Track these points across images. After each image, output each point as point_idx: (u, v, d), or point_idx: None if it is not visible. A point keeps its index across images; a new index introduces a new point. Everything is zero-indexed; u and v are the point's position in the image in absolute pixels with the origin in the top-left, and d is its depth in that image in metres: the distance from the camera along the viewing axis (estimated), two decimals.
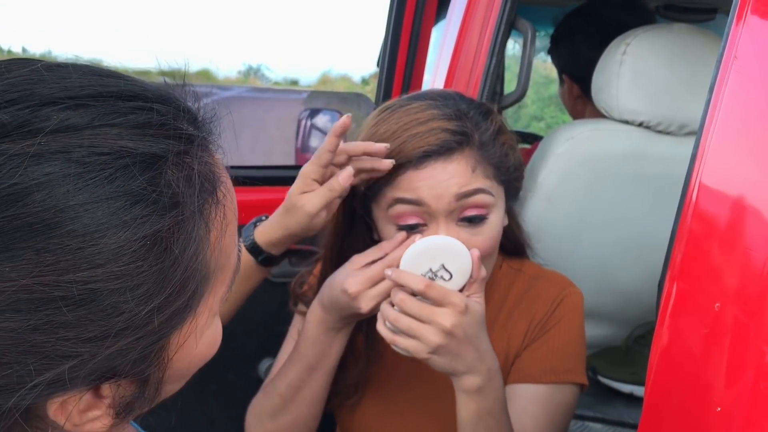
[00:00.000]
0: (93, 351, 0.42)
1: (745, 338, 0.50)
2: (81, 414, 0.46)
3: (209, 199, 0.47)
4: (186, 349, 0.50)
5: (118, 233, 0.41)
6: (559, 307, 1.07)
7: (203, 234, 0.46)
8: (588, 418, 1.53)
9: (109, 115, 0.43)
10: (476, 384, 0.89)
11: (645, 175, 1.44)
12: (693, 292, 0.57)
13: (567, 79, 1.76)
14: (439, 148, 0.92)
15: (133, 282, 0.42)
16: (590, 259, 1.52)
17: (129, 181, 0.42)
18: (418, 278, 0.87)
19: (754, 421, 0.49)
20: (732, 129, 0.58)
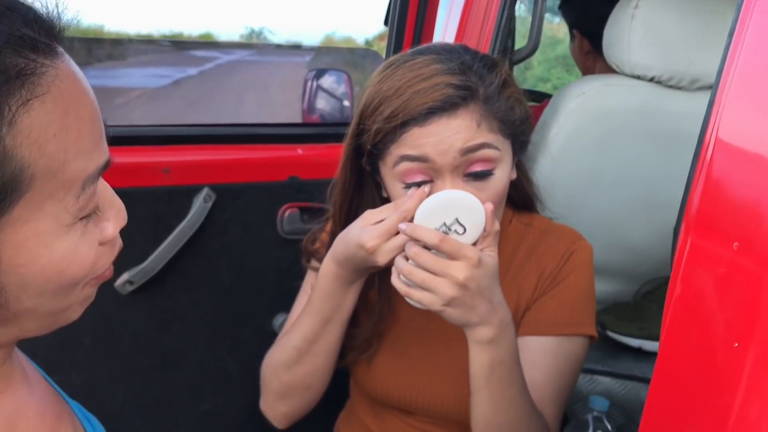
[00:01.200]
0: None
1: (763, 276, 0.51)
2: None
3: (17, 91, 0.47)
4: (24, 252, 0.50)
5: None
6: (569, 260, 1.08)
7: (8, 125, 0.46)
8: (597, 372, 1.55)
9: None
10: (489, 335, 0.90)
11: (656, 130, 1.44)
12: (711, 234, 0.58)
13: (578, 34, 1.75)
14: (443, 104, 0.91)
15: None
16: (600, 214, 1.52)
17: None
18: (432, 232, 0.88)
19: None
20: (753, 75, 0.58)
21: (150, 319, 1.37)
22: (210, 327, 1.43)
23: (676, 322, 0.60)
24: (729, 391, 0.53)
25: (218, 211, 1.36)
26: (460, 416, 1.04)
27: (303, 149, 1.45)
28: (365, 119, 0.98)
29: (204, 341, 1.43)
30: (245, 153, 1.40)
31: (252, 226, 1.42)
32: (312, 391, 1.10)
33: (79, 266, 0.54)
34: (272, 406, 1.13)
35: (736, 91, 0.59)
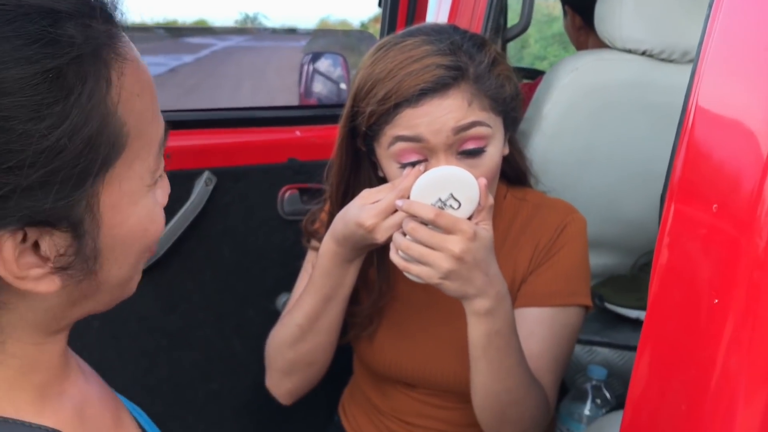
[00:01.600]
0: (13, 181, 0.45)
1: (740, 234, 0.54)
2: (19, 265, 0.48)
3: (110, 51, 0.50)
4: (118, 212, 0.52)
5: (20, 66, 0.44)
6: (562, 233, 1.11)
7: (106, 83, 0.49)
8: (596, 342, 1.58)
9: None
10: (486, 306, 0.92)
11: (649, 103, 1.46)
12: (692, 199, 0.61)
13: (569, 10, 1.76)
14: (434, 84, 0.93)
15: (41, 113, 0.45)
16: (596, 188, 1.54)
17: (27, 24, 0.45)
18: (428, 207, 0.90)
19: (748, 308, 0.53)
20: (728, 44, 0.60)
21: (156, 301, 1.39)
22: (215, 308, 1.46)
23: (662, 285, 0.63)
24: (711, 344, 0.56)
25: (219, 194, 1.39)
26: (461, 387, 1.07)
27: (301, 131, 1.47)
28: (359, 102, 0.99)
29: (209, 322, 1.46)
30: (244, 136, 1.42)
31: (253, 208, 1.44)
32: (315, 367, 1.12)
33: (158, 226, 0.57)
34: (277, 384, 1.15)
35: (713, 60, 0.62)
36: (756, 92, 0.57)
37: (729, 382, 0.55)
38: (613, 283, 1.68)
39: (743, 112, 0.58)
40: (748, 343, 0.53)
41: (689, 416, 0.58)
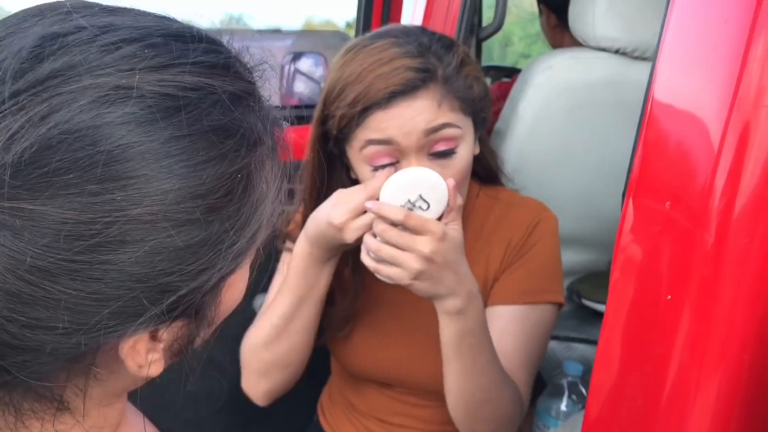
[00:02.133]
0: (191, 285, 0.44)
1: (691, 231, 0.55)
2: (146, 355, 0.46)
3: (279, 141, 0.49)
4: (233, 291, 0.51)
5: (216, 165, 0.43)
6: (534, 231, 1.11)
7: (276, 173, 0.49)
8: (573, 339, 1.59)
9: (189, 54, 0.44)
10: (457, 306, 0.93)
11: (623, 101, 1.47)
12: (647, 195, 0.61)
13: (544, 9, 1.78)
14: (403, 87, 0.94)
15: (225, 214, 0.44)
16: (573, 186, 1.56)
17: (222, 116, 0.44)
18: (397, 209, 0.90)
19: (699, 304, 0.54)
20: (675, 53, 0.61)
21: None
22: None
23: (620, 281, 0.64)
24: (665, 340, 0.57)
25: None
26: (437, 386, 1.08)
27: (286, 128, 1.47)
28: (329, 105, 1.00)
29: None
30: None
31: None
32: (291, 369, 1.12)
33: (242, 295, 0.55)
34: (253, 385, 1.15)
35: (668, 57, 0.63)
36: (707, 90, 0.58)
37: (682, 378, 0.56)
38: (591, 280, 1.70)
39: (696, 109, 0.59)
40: (700, 339, 0.54)
41: (645, 410, 0.59)
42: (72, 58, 0.41)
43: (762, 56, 0.52)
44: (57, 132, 0.39)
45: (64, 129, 0.40)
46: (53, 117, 0.40)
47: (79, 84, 0.41)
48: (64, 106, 0.40)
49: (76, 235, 0.40)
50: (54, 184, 0.39)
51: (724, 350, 0.53)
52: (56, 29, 0.42)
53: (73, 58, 0.41)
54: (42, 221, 0.39)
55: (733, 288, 0.53)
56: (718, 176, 0.53)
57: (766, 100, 0.52)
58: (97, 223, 0.40)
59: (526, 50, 6.18)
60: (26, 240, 0.39)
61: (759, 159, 0.52)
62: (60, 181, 0.39)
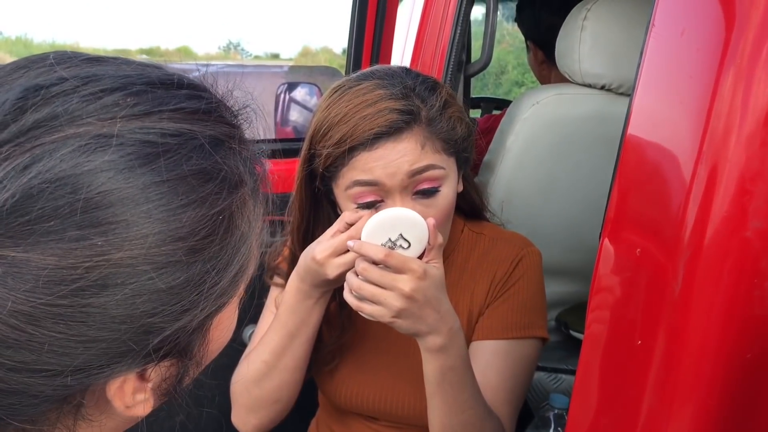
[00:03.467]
0: (170, 325, 0.44)
1: (660, 278, 0.56)
2: (133, 395, 0.47)
3: (260, 183, 0.51)
4: (221, 330, 0.52)
5: (196, 209, 0.44)
6: (518, 266, 1.13)
7: (259, 213, 0.50)
8: (561, 370, 1.60)
9: (170, 100, 0.46)
10: (438, 343, 0.94)
11: (608, 135, 1.48)
12: (619, 239, 0.63)
13: (532, 45, 1.81)
14: (388, 129, 0.96)
15: (206, 255, 0.45)
16: (559, 218, 1.58)
17: (202, 160, 0.45)
18: (378, 248, 0.91)
19: (667, 350, 0.55)
20: (651, 87, 0.63)
21: None
22: None
23: (594, 323, 0.66)
24: (636, 385, 0.59)
25: None
26: (422, 420, 1.08)
27: (270, 164, 1.49)
28: (315, 144, 1.02)
29: None
30: None
31: None
32: (281, 404, 1.13)
33: (231, 334, 0.57)
34: (243, 420, 1.16)
35: (643, 91, 0.65)
36: (680, 121, 0.60)
37: (652, 423, 0.57)
38: (578, 311, 1.71)
39: (668, 141, 0.61)
40: (669, 385, 0.56)
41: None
42: (54, 108, 0.43)
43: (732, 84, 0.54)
44: (38, 181, 0.41)
45: (45, 178, 0.41)
46: (35, 167, 0.41)
47: (61, 134, 0.42)
48: (45, 155, 0.41)
49: (58, 280, 0.41)
50: (36, 232, 0.41)
51: (691, 395, 0.54)
52: (40, 81, 0.44)
53: (56, 108, 0.43)
54: (24, 267, 0.41)
55: (700, 334, 0.54)
56: (689, 208, 0.55)
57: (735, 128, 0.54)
58: (78, 267, 0.41)
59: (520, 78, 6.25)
60: (9, 286, 0.40)
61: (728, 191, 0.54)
62: (41, 229, 0.41)
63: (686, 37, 0.61)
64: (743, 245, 0.53)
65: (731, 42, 0.54)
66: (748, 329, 0.53)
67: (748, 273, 0.53)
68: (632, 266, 0.60)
